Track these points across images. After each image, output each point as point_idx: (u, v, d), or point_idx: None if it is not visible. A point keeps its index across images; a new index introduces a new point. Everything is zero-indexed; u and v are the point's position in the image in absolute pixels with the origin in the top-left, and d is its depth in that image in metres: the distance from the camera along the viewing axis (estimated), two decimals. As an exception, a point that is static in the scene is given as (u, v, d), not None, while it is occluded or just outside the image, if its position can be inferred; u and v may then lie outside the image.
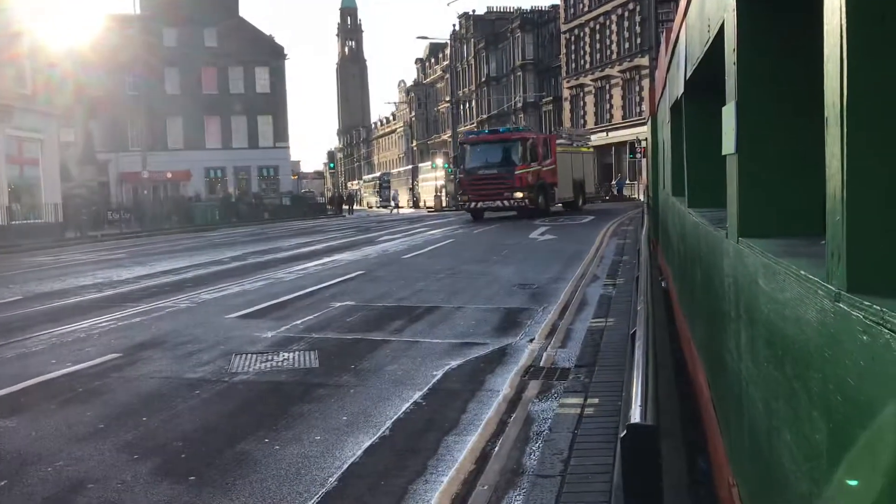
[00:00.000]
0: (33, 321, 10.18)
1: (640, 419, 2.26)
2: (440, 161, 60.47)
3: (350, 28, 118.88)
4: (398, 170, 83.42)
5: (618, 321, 8.27)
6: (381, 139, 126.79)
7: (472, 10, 78.47)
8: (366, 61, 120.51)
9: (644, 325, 3.63)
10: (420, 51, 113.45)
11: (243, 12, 64.06)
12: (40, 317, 10.57)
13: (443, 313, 9.70)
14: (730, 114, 2.64)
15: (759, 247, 2.25)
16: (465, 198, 32.26)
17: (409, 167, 76.80)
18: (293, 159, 67.24)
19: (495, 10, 79.64)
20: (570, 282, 11.91)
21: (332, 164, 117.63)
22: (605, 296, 10.33)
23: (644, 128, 33.18)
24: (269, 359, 7.49)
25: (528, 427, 5.17)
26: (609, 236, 20.23)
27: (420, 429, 5.28)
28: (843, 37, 1.35)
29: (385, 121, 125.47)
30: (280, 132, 60.22)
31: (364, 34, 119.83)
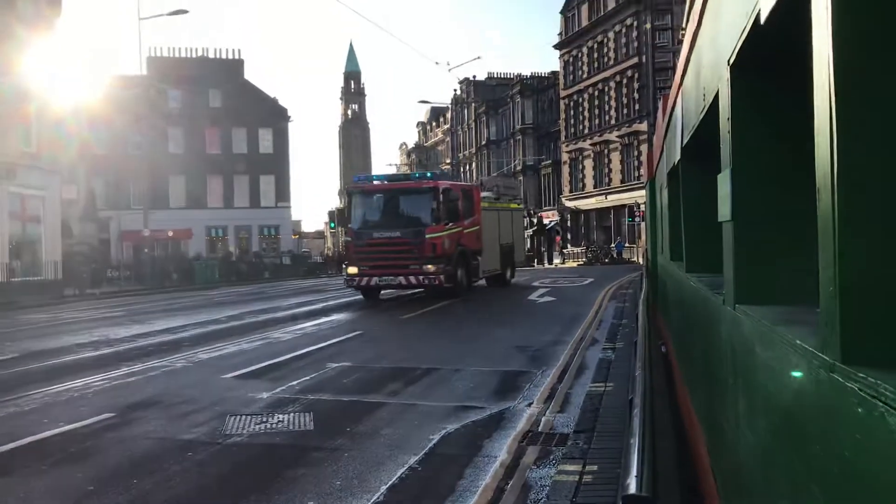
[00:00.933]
0: (28, 379, 10.08)
1: (635, 490, 2.24)
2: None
3: (353, 92, 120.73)
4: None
5: (617, 385, 8.20)
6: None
7: (473, 76, 79.94)
8: (368, 124, 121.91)
9: (641, 393, 3.60)
10: (421, 114, 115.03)
11: (248, 75, 64.96)
12: (35, 375, 10.47)
13: (441, 375, 9.63)
14: (725, 181, 2.66)
15: (755, 314, 2.25)
16: (352, 270, 21.16)
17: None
18: (294, 218, 67.59)
19: (496, 75, 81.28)
20: (569, 345, 11.85)
21: (333, 224, 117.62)
22: (605, 359, 10.27)
23: (642, 191, 33.39)
24: (264, 420, 7.40)
25: (526, 494, 5.08)
26: (608, 299, 20.20)
27: (415, 495, 5.19)
28: (832, 111, 1.38)
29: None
30: (282, 192, 60.61)
31: (367, 98, 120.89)
